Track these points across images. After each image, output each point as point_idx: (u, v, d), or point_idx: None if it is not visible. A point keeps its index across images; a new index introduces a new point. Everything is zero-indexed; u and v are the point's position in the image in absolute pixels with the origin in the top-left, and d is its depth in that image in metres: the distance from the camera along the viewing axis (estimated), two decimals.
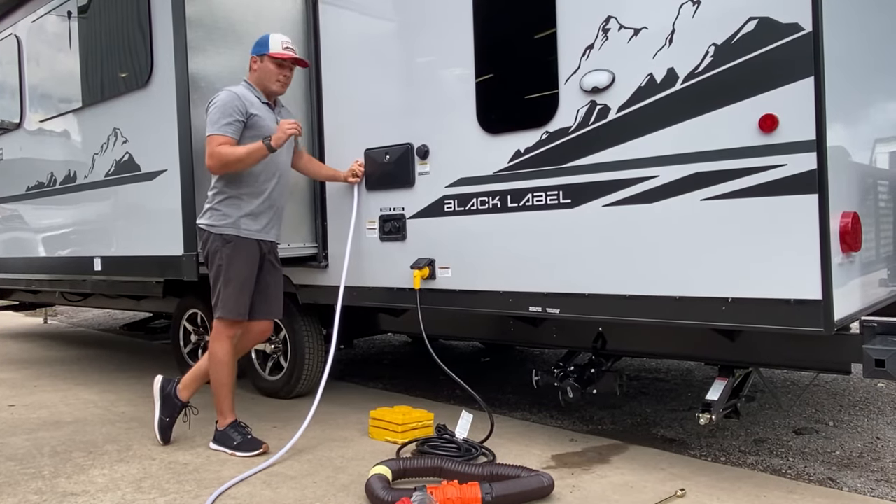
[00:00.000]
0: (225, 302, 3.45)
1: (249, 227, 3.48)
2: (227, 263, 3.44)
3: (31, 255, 5.81)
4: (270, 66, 3.50)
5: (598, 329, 3.47)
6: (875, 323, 2.76)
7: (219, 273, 3.47)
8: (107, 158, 4.74)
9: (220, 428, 3.52)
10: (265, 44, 3.51)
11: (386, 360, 6.42)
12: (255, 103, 3.47)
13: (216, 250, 3.47)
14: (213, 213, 3.49)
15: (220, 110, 3.38)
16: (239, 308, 3.46)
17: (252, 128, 3.44)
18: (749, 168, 2.71)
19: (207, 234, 3.50)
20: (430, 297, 3.75)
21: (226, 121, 3.37)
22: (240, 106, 3.40)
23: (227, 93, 3.43)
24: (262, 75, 3.53)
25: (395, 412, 3.65)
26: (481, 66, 3.51)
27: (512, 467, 2.87)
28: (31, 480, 3.11)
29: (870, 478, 3.18)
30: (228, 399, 3.51)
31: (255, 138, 3.42)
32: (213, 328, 3.52)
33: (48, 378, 5.60)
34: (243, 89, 3.50)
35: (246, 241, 3.47)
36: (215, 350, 3.49)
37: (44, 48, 5.52)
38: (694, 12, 2.83)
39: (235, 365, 3.57)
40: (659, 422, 4.11)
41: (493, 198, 3.48)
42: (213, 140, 3.38)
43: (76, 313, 11.15)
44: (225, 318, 3.46)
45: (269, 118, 3.53)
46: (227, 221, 3.45)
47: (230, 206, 3.46)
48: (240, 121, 3.40)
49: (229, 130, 3.38)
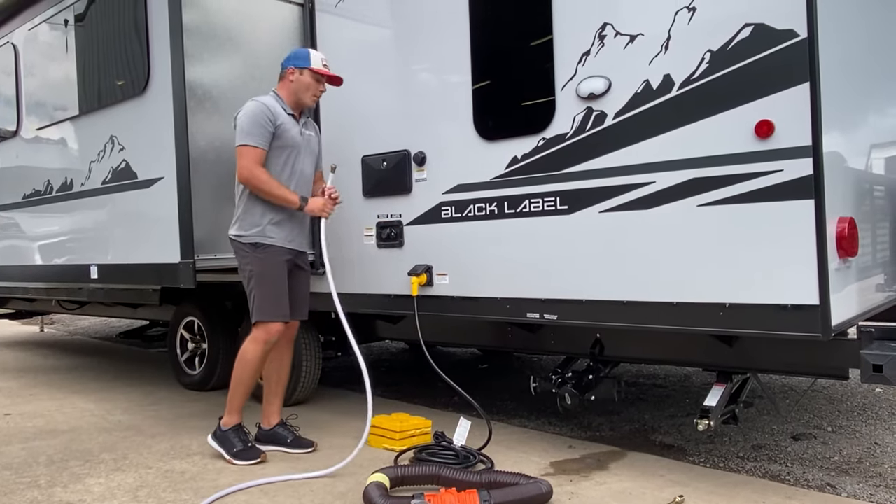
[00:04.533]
0: (261, 305, 3.44)
1: (275, 234, 3.50)
2: (258, 268, 3.46)
3: (27, 263, 5.80)
4: (309, 80, 3.54)
5: (595, 335, 3.46)
6: (872, 328, 2.76)
7: (250, 279, 3.48)
8: (103, 166, 4.73)
9: (223, 427, 3.50)
10: (306, 58, 3.55)
11: (383, 367, 6.41)
12: (281, 114, 3.49)
13: (246, 258, 3.49)
14: (241, 224, 3.51)
15: (251, 120, 3.41)
16: (277, 310, 3.46)
17: (279, 138, 3.47)
18: (745, 174, 2.72)
19: (238, 245, 3.52)
20: (427, 303, 3.74)
21: (257, 131, 3.40)
22: (270, 116, 3.43)
23: (255, 103, 3.45)
24: (298, 87, 3.55)
25: (392, 419, 3.64)
26: (478, 72, 3.52)
27: (510, 474, 2.86)
28: (27, 490, 3.09)
29: (868, 483, 3.17)
30: (242, 400, 3.50)
31: (281, 148, 3.47)
32: (252, 332, 3.48)
33: (44, 386, 5.58)
34: (271, 100, 3.52)
35: (274, 248, 3.49)
36: (247, 349, 3.46)
37: (41, 56, 5.52)
38: (689, 19, 2.84)
39: (261, 370, 3.56)
40: (657, 428, 4.10)
41: (490, 204, 3.48)
42: (245, 153, 3.40)
43: (73, 321, 11.11)
44: (263, 320, 3.44)
45: (294, 130, 3.55)
46: (255, 230, 3.47)
47: (256, 215, 3.48)
48: (269, 131, 3.43)
49: (260, 141, 3.41)
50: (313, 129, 3.75)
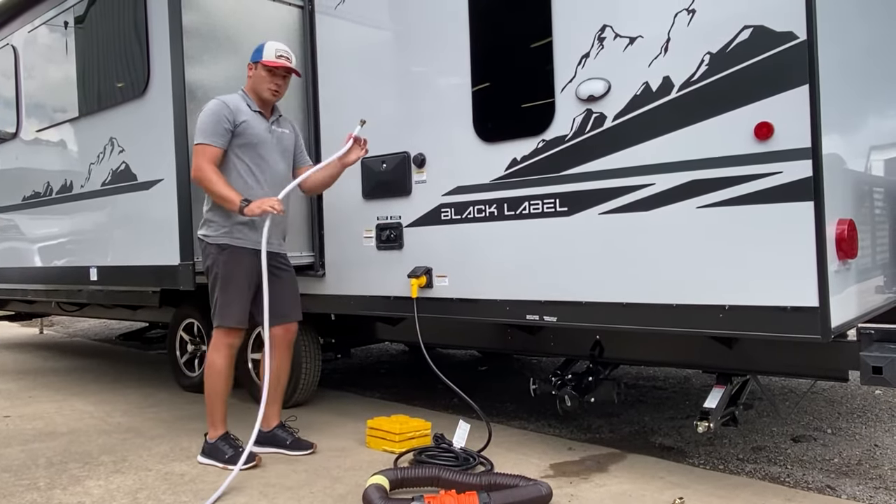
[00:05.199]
0: (221, 310, 3.44)
1: (243, 236, 3.44)
2: (223, 272, 3.43)
3: (27, 265, 5.80)
4: (262, 74, 3.48)
5: (595, 337, 3.46)
6: (872, 330, 2.76)
7: (215, 281, 3.45)
8: (103, 168, 4.74)
9: (210, 440, 3.46)
10: (260, 51, 3.50)
11: (383, 368, 6.40)
12: (244, 111, 3.44)
13: (213, 259, 3.46)
14: (208, 224, 3.48)
15: (207, 119, 3.38)
16: (235, 316, 3.44)
17: (241, 136, 3.42)
18: (745, 176, 2.72)
19: (205, 245, 3.49)
20: (427, 305, 3.74)
21: (213, 130, 3.36)
22: (227, 114, 3.38)
23: (214, 101, 3.42)
24: (255, 82, 3.51)
25: (392, 421, 3.63)
26: (477, 74, 3.52)
27: (510, 476, 2.86)
28: (27, 492, 3.09)
29: (868, 485, 3.17)
30: (221, 410, 3.47)
31: (244, 146, 3.42)
32: (212, 337, 3.49)
33: (44, 388, 5.57)
34: (235, 97, 3.48)
35: (241, 250, 3.44)
36: (213, 359, 3.46)
37: (40, 58, 5.53)
38: (689, 21, 2.84)
39: (232, 376, 3.53)
40: (657, 430, 4.10)
41: (490, 206, 3.48)
42: (198, 152, 3.38)
43: (72, 323, 11.11)
44: (222, 326, 3.44)
45: (260, 127, 3.49)
46: (222, 231, 3.43)
47: (222, 215, 3.43)
48: (228, 129, 3.38)
49: (217, 140, 3.37)
50: (288, 127, 3.68)
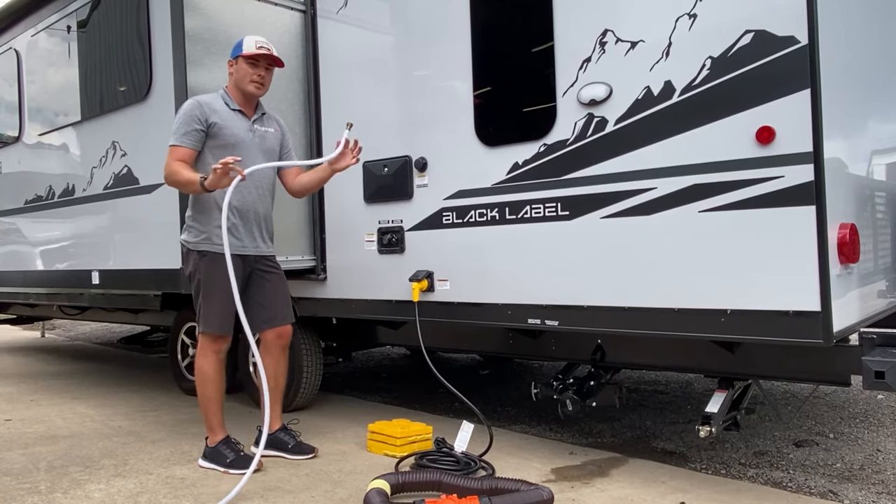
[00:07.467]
0: (206, 317, 3.40)
1: (224, 241, 3.25)
2: (205, 278, 3.38)
3: (28, 269, 5.81)
4: (244, 67, 3.42)
5: (597, 341, 3.46)
6: (874, 334, 2.75)
7: (198, 288, 3.41)
8: (105, 172, 4.75)
9: (210, 445, 3.45)
10: (239, 46, 3.44)
11: (384, 372, 6.40)
12: (220, 111, 3.39)
13: (194, 266, 3.41)
14: (189, 229, 3.44)
15: (179, 119, 3.34)
16: (220, 322, 3.39)
17: (216, 136, 3.36)
18: (746, 180, 2.72)
19: (186, 251, 3.45)
20: (428, 309, 3.74)
21: (183, 130, 3.32)
22: (199, 115, 3.33)
23: (189, 101, 3.38)
24: (237, 78, 3.45)
25: (393, 425, 3.63)
26: (479, 78, 3.53)
27: (511, 481, 2.85)
28: (27, 496, 3.09)
29: (871, 490, 3.16)
30: (217, 415, 3.45)
31: (221, 147, 3.36)
32: (198, 344, 3.46)
33: (45, 392, 5.57)
34: (212, 96, 3.44)
35: (222, 256, 3.26)
36: (201, 366, 3.43)
37: (43, 62, 5.54)
38: (690, 25, 2.84)
39: (223, 380, 3.50)
40: (659, 434, 4.09)
41: (492, 210, 3.48)
42: (170, 151, 3.34)
43: (74, 327, 11.12)
44: (207, 332, 3.42)
45: (238, 126, 3.43)
46: (202, 237, 3.38)
47: (201, 220, 3.39)
48: (199, 129, 3.33)
49: (186, 141, 3.32)
50: (273, 125, 3.61)
